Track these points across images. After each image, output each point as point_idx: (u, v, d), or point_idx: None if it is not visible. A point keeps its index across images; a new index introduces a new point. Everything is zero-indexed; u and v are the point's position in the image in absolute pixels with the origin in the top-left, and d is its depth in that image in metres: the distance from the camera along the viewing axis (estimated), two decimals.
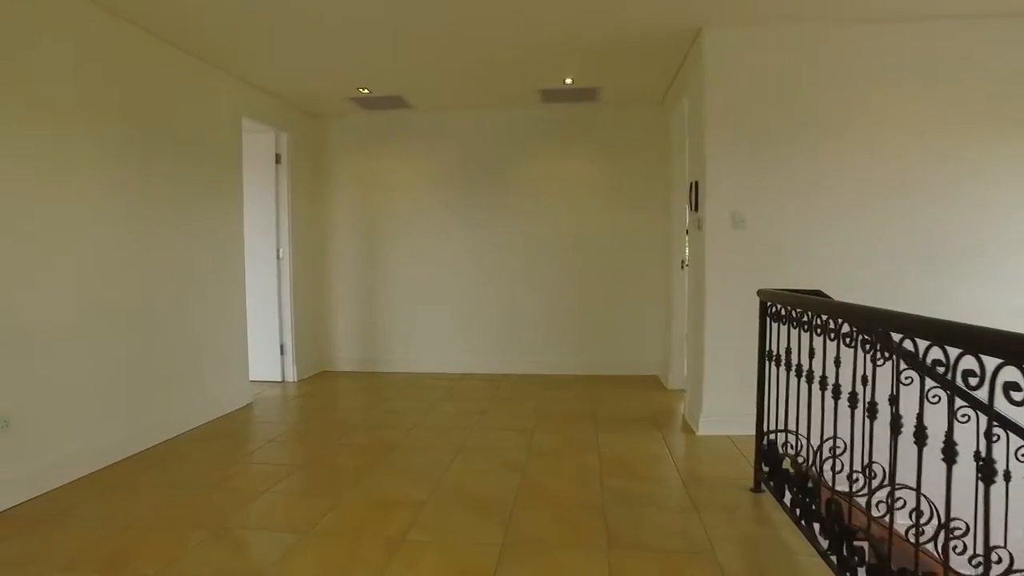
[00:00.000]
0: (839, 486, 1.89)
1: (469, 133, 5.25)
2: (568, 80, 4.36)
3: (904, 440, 1.48)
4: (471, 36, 3.53)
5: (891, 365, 1.52)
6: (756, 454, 2.63)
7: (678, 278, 4.57)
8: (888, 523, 1.51)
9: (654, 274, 5.12)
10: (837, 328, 1.84)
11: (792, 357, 2.29)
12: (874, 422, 1.62)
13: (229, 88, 4.12)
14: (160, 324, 3.45)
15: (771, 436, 2.52)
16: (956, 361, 1.26)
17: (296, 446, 3.36)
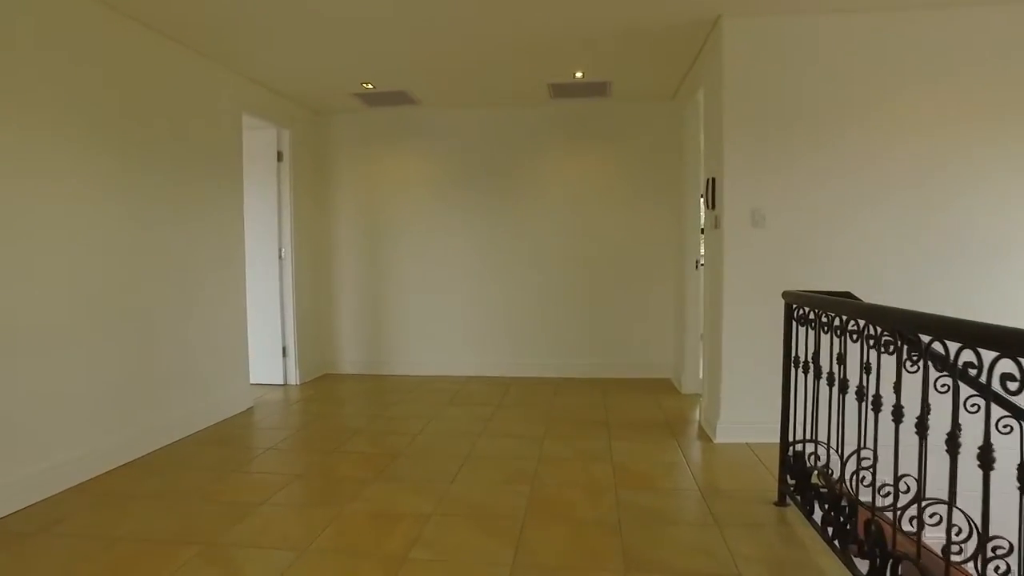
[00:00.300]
0: (869, 499, 1.74)
1: (476, 130, 5.10)
2: (578, 74, 4.21)
3: (949, 455, 1.32)
4: (479, 27, 3.39)
5: (951, 382, 1.37)
6: (780, 465, 2.48)
7: (692, 278, 4.41)
8: (943, 557, 1.36)
9: (667, 274, 4.96)
10: (878, 336, 1.68)
11: (821, 364, 2.14)
12: (926, 439, 1.46)
13: (229, 83, 4.01)
14: (157, 325, 3.33)
15: (797, 447, 2.37)
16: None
17: (296, 454, 3.24)
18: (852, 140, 3.18)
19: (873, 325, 1.71)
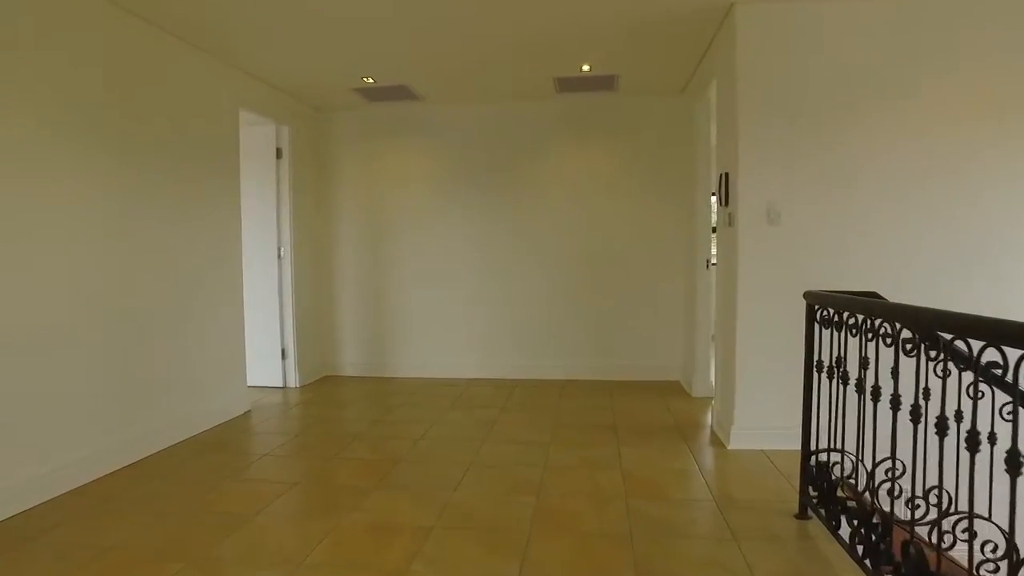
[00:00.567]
0: (899, 511, 1.61)
1: (480, 125, 4.98)
2: (585, 67, 4.07)
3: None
4: (481, 26, 3.27)
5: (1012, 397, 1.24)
6: (801, 475, 2.35)
7: (703, 277, 4.28)
8: None
9: (676, 273, 4.83)
10: (917, 342, 1.55)
11: (846, 368, 2.01)
12: (975, 453, 1.33)
13: (227, 78, 3.89)
14: (152, 326, 3.22)
15: (820, 456, 2.24)
16: None
17: (293, 460, 3.12)
18: (873, 133, 3.04)
19: (909, 329, 1.58)
